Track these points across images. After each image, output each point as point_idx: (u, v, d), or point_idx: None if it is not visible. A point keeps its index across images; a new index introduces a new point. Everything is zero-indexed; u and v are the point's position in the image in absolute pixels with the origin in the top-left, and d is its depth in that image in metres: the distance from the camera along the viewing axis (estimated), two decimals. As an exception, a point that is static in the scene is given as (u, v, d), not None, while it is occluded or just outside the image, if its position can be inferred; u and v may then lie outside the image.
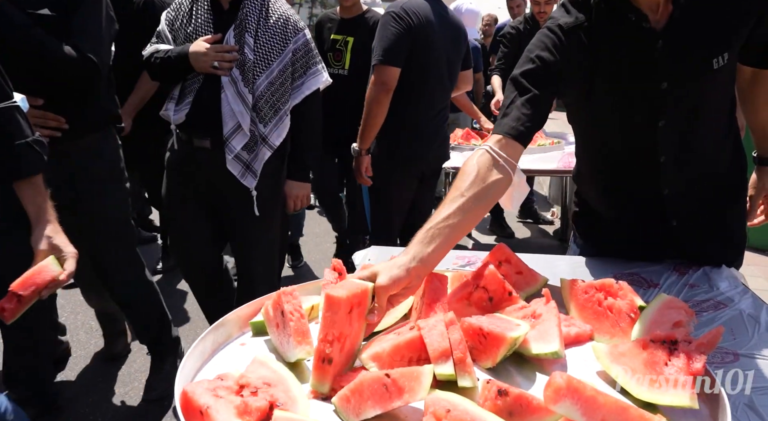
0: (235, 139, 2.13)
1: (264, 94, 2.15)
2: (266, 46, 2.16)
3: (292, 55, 2.21)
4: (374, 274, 0.96)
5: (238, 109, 2.11)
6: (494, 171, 1.16)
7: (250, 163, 2.19)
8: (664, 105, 1.29)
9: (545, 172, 3.62)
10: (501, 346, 0.87)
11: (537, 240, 4.91)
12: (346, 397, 0.76)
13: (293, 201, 2.35)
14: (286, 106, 2.21)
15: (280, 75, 2.18)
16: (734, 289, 1.30)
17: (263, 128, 2.17)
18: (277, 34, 2.18)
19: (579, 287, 1.06)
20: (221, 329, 0.99)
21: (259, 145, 2.17)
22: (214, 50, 2.08)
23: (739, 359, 1.03)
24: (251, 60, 2.12)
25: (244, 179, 2.18)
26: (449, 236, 1.06)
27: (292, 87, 2.23)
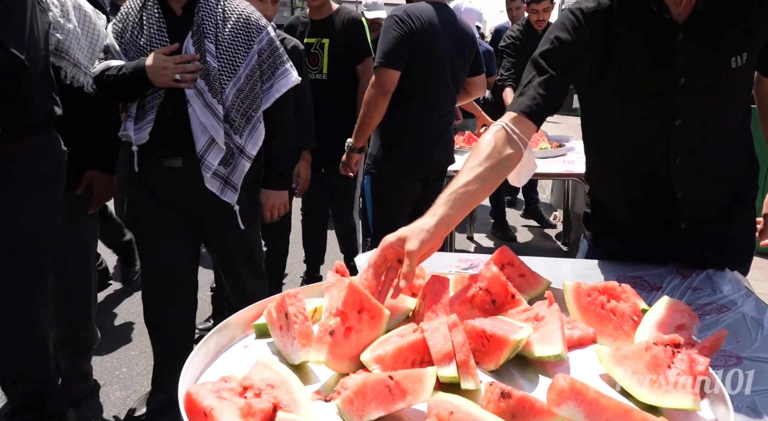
0: (211, 155, 1.98)
1: (234, 102, 2.00)
2: (229, 51, 2.00)
3: (258, 57, 2.06)
4: (402, 238, 1.03)
5: (209, 122, 1.95)
6: (508, 145, 1.24)
7: (228, 178, 2.05)
8: (680, 102, 1.28)
9: (547, 175, 3.62)
10: (504, 348, 0.87)
11: (539, 243, 4.91)
12: (349, 399, 0.76)
13: (269, 210, 2.23)
14: (258, 113, 2.08)
15: (248, 80, 2.03)
16: (737, 292, 1.30)
17: (239, 139, 2.03)
18: (240, 36, 2.02)
19: (582, 289, 1.06)
20: (224, 331, 0.99)
21: (237, 158, 2.04)
22: (174, 62, 1.91)
23: (742, 362, 1.03)
24: (216, 68, 1.96)
25: (224, 195, 2.06)
26: (467, 201, 1.14)
27: (261, 91, 2.08)
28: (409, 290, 1.08)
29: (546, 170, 3.16)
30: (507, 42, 4.30)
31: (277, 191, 2.23)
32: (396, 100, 2.48)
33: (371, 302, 0.92)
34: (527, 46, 4.21)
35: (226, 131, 1.99)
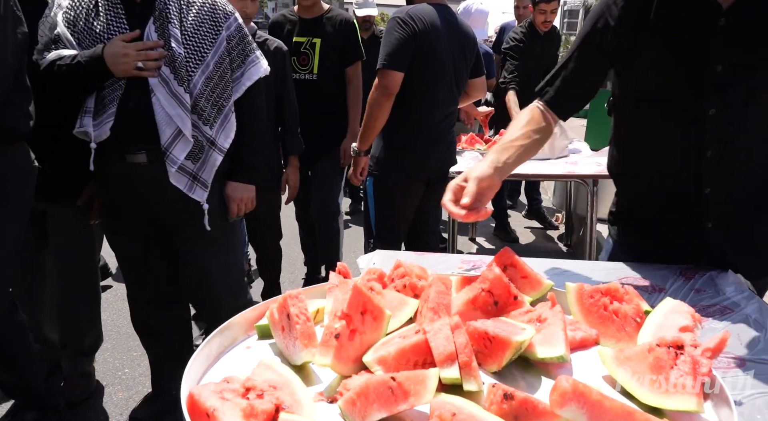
0: (177, 148, 1.85)
1: (203, 91, 1.88)
2: (196, 37, 1.89)
3: (227, 43, 1.95)
4: (466, 176, 1.25)
5: (175, 112, 1.83)
6: (542, 119, 1.43)
7: (197, 174, 1.92)
8: (716, 91, 1.25)
9: (549, 177, 3.62)
10: (506, 350, 0.87)
11: (541, 245, 4.91)
12: (351, 400, 0.76)
13: (236, 204, 2.09)
14: (230, 102, 1.97)
15: (218, 67, 1.92)
16: (740, 294, 1.30)
17: (209, 130, 1.91)
18: (206, 21, 1.91)
19: (584, 291, 1.05)
20: (227, 332, 0.99)
21: (207, 151, 1.92)
22: (135, 48, 1.79)
23: (745, 365, 1.03)
24: (182, 54, 1.84)
25: (193, 192, 1.92)
26: (521, 154, 1.34)
27: (231, 79, 1.98)
28: (412, 291, 1.08)
29: (548, 172, 3.16)
30: (510, 44, 4.29)
31: (245, 185, 2.10)
32: (398, 102, 2.49)
33: (374, 304, 0.92)
34: (530, 47, 4.21)
35: (194, 122, 1.87)
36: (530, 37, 4.23)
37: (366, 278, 1.11)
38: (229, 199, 2.07)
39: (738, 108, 1.26)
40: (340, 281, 1.11)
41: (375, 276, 1.13)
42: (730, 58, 1.23)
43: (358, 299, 0.91)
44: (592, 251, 3.35)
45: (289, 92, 2.86)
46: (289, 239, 3.90)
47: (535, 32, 4.25)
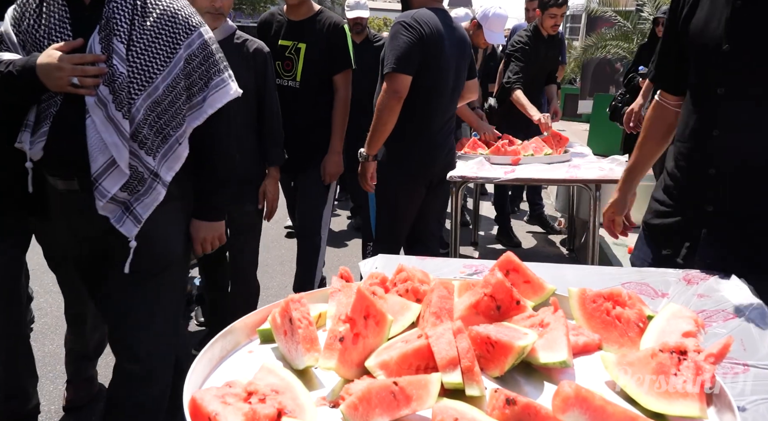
0: (108, 180, 1.60)
1: (147, 118, 1.61)
2: (146, 55, 1.61)
3: (186, 64, 1.67)
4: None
5: (111, 140, 1.57)
6: (660, 114, 1.62)
7: (131, 205, 1.66)
8: (722, 69, 1.32)
9: (552, 181, 3.62)
10: (509, 355, 0.87)
11: (544, 249, 4.90)
12: (353, 405, 0.76)
13: (200, 244, 1.87)
14: (180, 131, 1.68)
15: (169, 91, 1.64)
16: (744, 299, 1.29)
17: (152, 161, 1.64)
18: (162, 36, 1.64)
19: (587, 296, 1.05)
20: (229, 336, 0.99)
21: (150, 184, 1.66)
22: (70, 62, 1.54)
23: (749, 370, 1.02)
24: (123, 74, 1.58)
25: (121, 224, 1.66)
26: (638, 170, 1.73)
27: (189, 105, 1.70)
28: (414, 296, 1.08)
29: (551, 176, 3.16)
30: (516, 47, 4.29)
31: (211, 223, 1.87)
32: (404, 106, 2.49)
33: (376, 308, 0.92)
34: (535, 50, 4.23)
35: (134, 151, 1.62)
36: (534, 41, 4.25)
37: (368, 283, 1.11)
38: (193, 238, 1.86)
39: (745, 89, 1.31)
40: (343, 285, 1.12)
41: (377, 280, 1.13)
42: (737, 36, 1.30)
43: (362, 303, 0.91)
44: (595, 256, 3.34)
45: (270, 98, 2.59)
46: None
47: (540, 35, 4.27)
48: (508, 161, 3.28)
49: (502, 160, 3.29)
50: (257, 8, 22.06)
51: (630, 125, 3.57)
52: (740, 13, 1.29)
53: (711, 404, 0.82)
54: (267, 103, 2.58)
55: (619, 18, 11.28)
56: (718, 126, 1.34)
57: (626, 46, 10.68)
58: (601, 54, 12.20)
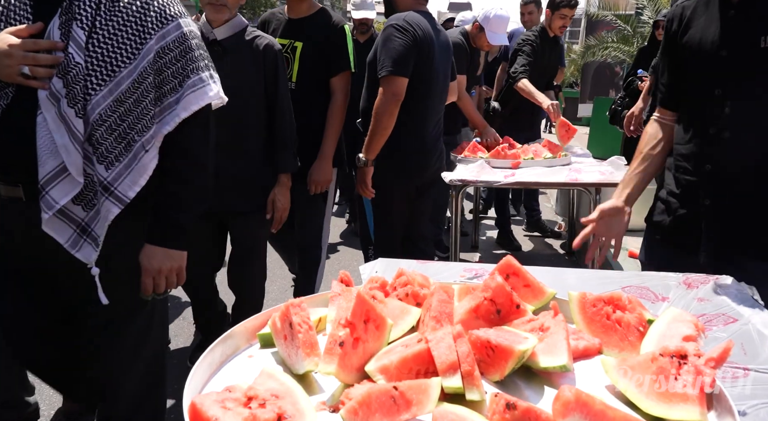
0: (57, 188, 1.38)
1: (106, 118, 1.40)
2: (109, 44, 1.41)
3: (157, 58, 1.45)
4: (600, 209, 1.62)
5: (62, 141, 1.37)
6: (659, 130, 1.68)
7: (88, 225, 1.43)
8: (720, 74, 1.45)
9: (551, 184, 3.61)
10: (509, 359, 0.87)
11: (544, 253, 4.90)
12: (354, 409, 0.75)
13: (151, 278, 1.52)
14: (145, 137, 1.44)
15: (134, 88, 1.42)
16: (744, 303, 1.29)
17: (104, 172, 1.41)
18: (130, 24, 1.43)
19: (587, 300, 1.05)
20: (229, 341, 0.99)
21: (100, 198, 1.42)
22: (22, 48, 1.36)
23: (749, 375, 1.02)
24: (80, 65, 1.37)
25: (77, 249, 1.43)
26: (644, 178, 1.66)
27: (160, 107, 1.48)
28: (414, 300, 1.08)
29: (551, 180, 3.16)
30: (524, 43, 4.30)
31: (169, 251, 1.52)
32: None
33: (376, 312, 0.92)
34: (541, 49, 4.27)
35: (87, 157, 1.40)
36: (541, 41, 4.28)
37: (369, 287, 1.11)
38: (143, 270, 1.51)
39: (741, 92, 1.43)
40: (343, 290, 1.12)
41: (377, 285, 1.13)
42: (731, 43, 1.43)
43: (362, 308, 0.91)
44: (595, 259, 3.34)
45: (282, 99, 2.40)
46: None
47: (546, 36, 4.31)
48: (508, 165, 3.28)
49: (502, 164, 3.29)
50: (257, 12, 22.05)
51: (630, 129, 3.57)
52: (733, 20, 1.43)
53: (711, 408, 0.82)
54: (278, 104, 2.39)
55: (618, 21, 11.31)
56: (717, 124, 1.45)
57: (626, 49, 10.71)
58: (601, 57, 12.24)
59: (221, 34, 2.27)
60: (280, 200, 2.45)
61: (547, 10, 4.33)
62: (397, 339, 1.00)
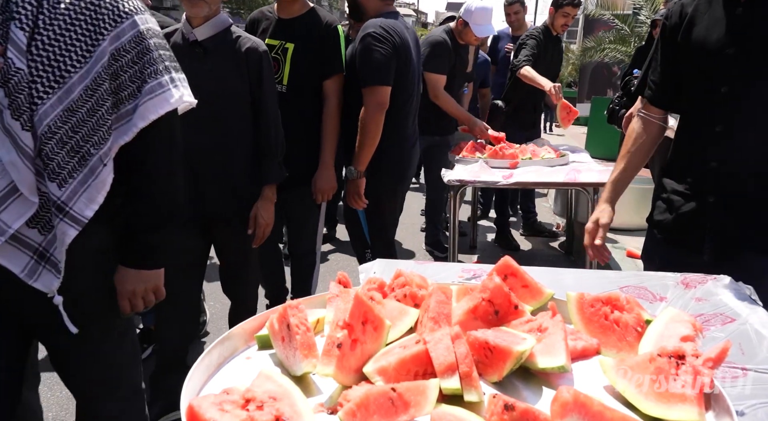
0: (8, 211, 1.24)
1: (56, 130, 1.25)
2: (56, 46, 1.25)
3: (112, 61, 1.31)
4: (595, 220, 1.74)
5: (9, 158, 1.23)
6: (642, 128, 1.73)
7: (45, 250, 1.29)
8: (728, 70, 1.45)
9: (550, 184, 3.62)
10: (507, 360, 0.87)
11: (542, 253, 4.90)
12: (351, 411, 0.75)
13: (127, 300, 1.44)
14: (103, 149, 1.30)
15: (88, 96, 1.28)
16: (742, 303, 1.29)
17: (56, 190, 1.27)
18: (78, 24, 1.28)
19: (585, 300, 1.05)
20: (227, 342, 0.99)
21: (56, 220, 1.28)
22: None
23: (747, 374, 1.02)
24: (23, 71, 1.22)
25: (35, 279, 1.28)
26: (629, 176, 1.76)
27: (116, 115, 1.33)
28: (412, 301, 1.08)
29: (549, 179, 3.16)
30: (529, 37, 4.32)
31: (141, 272, 1.44)
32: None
33: (374, 313, 0.92)
34: (545, 46, 4.30)
35: (39, 174, 1.26)
36: (546, 39, 4.32)
37: (367, 288, 1.11)
38: (118, 293, 1.44)
39: (749, 89, 1.44)
40: (341, 291, 1.11)
41: (375, 286, 1.13)
42: (737, 40, 1.44)
43: (360, 309, 0.91)
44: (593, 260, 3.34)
45: (268, 104, 2.23)
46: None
47: (549, 35, 4.35)
48: (507, 165, 3.28)
49: (501, 164, 3.30)
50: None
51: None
52: (741, 18, 1.44)
53: (709, 408, 0.82)
54: (263, 110, 2.22)
55: (616, 21, 11.32)
56: (722, 122, 1.47)
57: (624, 49, 10.72)
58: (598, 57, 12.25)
59: (202, 35, 2.12)
60: (263, 216, 2.27)
61: (550, 8, 4.36)
62: (395, 340, 1.00)
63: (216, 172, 2.18)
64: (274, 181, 2.29)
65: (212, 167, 2.17)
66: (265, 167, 2.26)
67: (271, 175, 2.27)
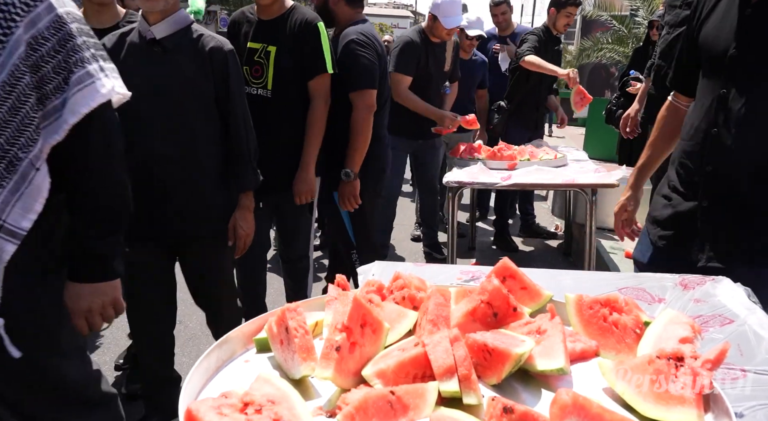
0: None
1: None
2: None
3: (30, 52, 1.16)
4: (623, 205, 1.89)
5: None
6: (668, 112, 1.78)
7: None
8: (729, 71, 1.44)
9: (548, 186, 3.63)
10: (506, 362, 0.87)
11: (541, 254, 4.90)
12: (350, 414, 0.75)
13: (82, 318, 1.33)
14: (33, 152, 1.17)
15: (7, 94, 1.14)
16: (741, 304, 1.29)
17: None
18: None
19: (584, 302, 1.05)
20: (225, 345, 0.99)
21: None
22: None
23: (746, 376, 1.02)
24: None
25: None
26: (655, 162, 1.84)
27: (42, 113, 1.19)
28: (411, 303, 1.08)
29: (547, 181, 3.16)
30: (531, 33, 4.39)
31: (94, 285, 1.32)
32: None
33: (373, 316, 0.92)
34: (545, 45, 4.36)
35: None
36: (547, 39, 4.39)
37: (365, 290, 1.11)
38: (71, 311, 1.32)
39: (749, 92, 1.42)
40: (339, 294, 1.11)
41: (374, 288, 1.13)
42: (743, 42, 1.42)
43: (358, 312, 0.91)
44: (592, 261, 3.34)
45: (236, 107, 2.06)
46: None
47: (551, 36, 4.43)
48: (505, 166, 3.29)
49: (499, 166, 3.30)
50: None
51: (626, 130, 3.58)
52: (749, 19, 1.42)
53: (708, 410, 0.82)
54: (231, 114, 2.05)
55: (614, 22, 11.34)
56: (720, 125, 1.46)
57: (621, 50, 10.75)
58: (596, 58, 12.28)
59: (160, 32, 1.95)
60: (242, 226, 2.12)
61: (551, 9, 4.41)
62: (394, 343, 1.00)
63: (184, 183, 2.01)
64: (249, 189, 2.13)
65: (179, 179, 2.00)
66: (239, 174, 2.09)
67: (245, 182, 2.11)
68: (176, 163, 1.99)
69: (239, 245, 2.16)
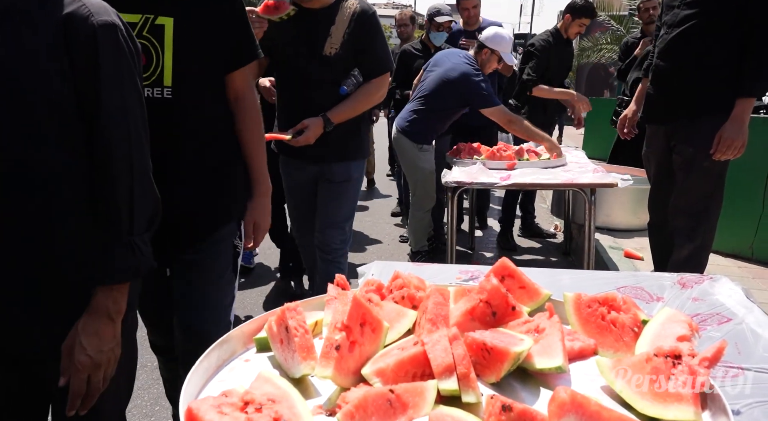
0: None
1: None
2: None
3: None
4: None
5: None
6: None
7: None
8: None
9: (547, 186, 3.62)
10: (505, 361, 0.87)
11: (539, 254, 4.90)
12: (350, 413, 0.76)
13: None
14: None
15: None
16: (739, 303, 1.30)
17: None
18: None
19: (582, 301, 1.06)
20: (225, 345, 0.99)
21: None
22: None
23: (744, 374, 1.03)
24: None
25: None
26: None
27: None
28: (410, 303, 1.08)
29: (546, 181, 3.17)
30: (538, 46, 4.49)
31: None
32: None
33: (372, 315, 0.93)
34: (557, 50, 4.47)
35: None
36: (557, 42, 4.51)
37: (364, 290, 1.11)
38: None
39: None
40: (339, 293, 1.12)
41: (373, 287, 1.13)
42: None
43: (358, 311, 0.92)
44: (591, 260, 3.34)
45: (111, 118, 1.13)
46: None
47: (560, 39, 4.54)
48: (504, 166, 3.29)
49: (498, 166, 3.30)
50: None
51: (624, 131, 3.58)
52: None
53: (706, 407, 0.82)
54: (102, 131, 1.13)
55: (612, 22, 11.35)
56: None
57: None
58: (595, 58, 12.29)
59: None
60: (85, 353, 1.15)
61: (566, 16, 4.48)
62: (393, 342, 1.00)
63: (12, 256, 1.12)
64: (118, 280, 1.16)
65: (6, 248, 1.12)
66: (105, 250, 1.15)
67: (111, 266, 1.14)
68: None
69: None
